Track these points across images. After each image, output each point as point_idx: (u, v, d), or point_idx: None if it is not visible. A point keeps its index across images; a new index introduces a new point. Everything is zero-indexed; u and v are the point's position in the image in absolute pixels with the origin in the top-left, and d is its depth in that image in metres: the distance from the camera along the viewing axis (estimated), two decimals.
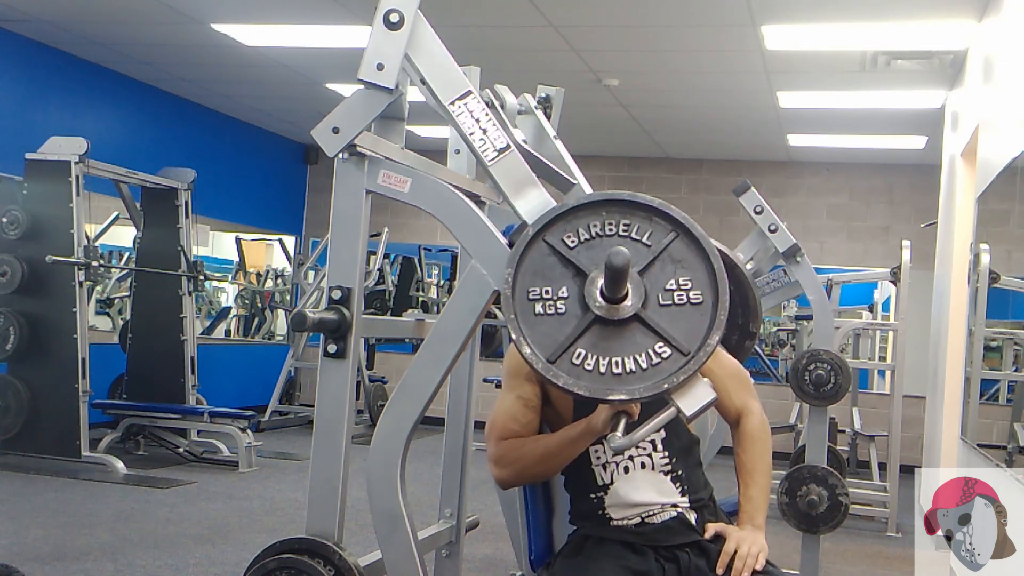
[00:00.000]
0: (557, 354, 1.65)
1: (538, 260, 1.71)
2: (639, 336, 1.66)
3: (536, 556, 2.25)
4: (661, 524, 2.02)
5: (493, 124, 1.88)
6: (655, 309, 1.67)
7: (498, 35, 6.21)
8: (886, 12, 5.30)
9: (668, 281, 1.69)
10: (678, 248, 1.70)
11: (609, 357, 1.65)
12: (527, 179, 1.88)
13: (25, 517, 4.87)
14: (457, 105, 1.88)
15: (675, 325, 1.66)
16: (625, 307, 1.66)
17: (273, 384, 9.03)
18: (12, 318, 6.09)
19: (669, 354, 1.64)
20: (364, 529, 2.80)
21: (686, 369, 1.62)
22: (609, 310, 1.66)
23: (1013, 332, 5.07)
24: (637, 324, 1.66)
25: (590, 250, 1.71)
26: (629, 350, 1.65)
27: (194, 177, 7.19)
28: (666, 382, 1.62)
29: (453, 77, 1.90)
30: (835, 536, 4.40)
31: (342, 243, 1.97)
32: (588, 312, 1.66)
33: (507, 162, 1.88)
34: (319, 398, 1.97)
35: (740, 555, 1.96)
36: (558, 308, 1.68)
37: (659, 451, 2.07)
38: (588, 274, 1.68)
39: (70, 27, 6.80)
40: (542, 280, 1.70)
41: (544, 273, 1.70)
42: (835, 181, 9.35)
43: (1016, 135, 3.84)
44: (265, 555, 1.89)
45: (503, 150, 1.88)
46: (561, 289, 1.69)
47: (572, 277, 1.69)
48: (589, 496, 2.07)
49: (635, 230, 1.72)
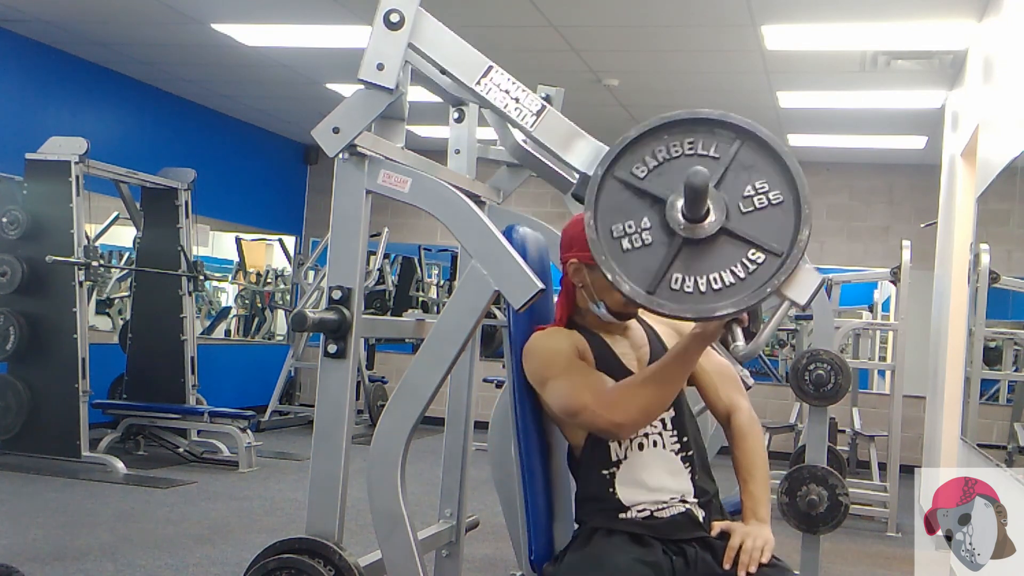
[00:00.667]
0: (655, 284, 1.65)
1: (613, 198, 1.71)
2: (730, 248, 1.66)
3: (536, 556, 2.25)
4: (670, 519, 2.03)
5: (522, 90, 1.88)
6: (739, 219, 1.67)
7: (498, 35, 6.21)
8: (886, 12, 5.30)
9: (745, 188, 1.68)
10: (747, 154, 1.69)
11: (705, 275, 1.65)
12: (572, 132, 1.87)
13: (25, 517, 4.87)
14: (483, 83, 1.89)
15: (762, 229, 1.66)
16: (710, 223, 1.65)
17: (273, 384, 9.03)
18: (12, 318, 6.09)
19: (763, 259, 1.64)
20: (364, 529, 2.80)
21: (784, 268, 1.62)
22: (695, 230, 1.65)
23: (1013, 332, 5.07)
24: (725, 237, 1.66)
25: (661, 176, 1.70)
26: (724, 263, 1.65)
27: (194, 177, 7.19)
28: (768, 285, 1.61)
29: (470, 58, 1.90)
30: (835, 536, 4.40)
31: (342, 243, 1.97)
32: (675, 236, 1.66)
33: (547, 122, 1.88)
34: (319, 398, 1.97)
35: (746, 549, 1.98)
36: (644, 239, 1.68)
37: (669, 430, 2.08)
38: (666, 199, 1.68)
39: (70, 27, 6.80)
40: (622, 216, 1.69)
41: (622, 209, 1.70)
42: (835, 181, 9.35)
43: (1016, 135, 3.84)
44: (265, 555, 1.89)
45: (540, 112, 1.88)
46: (643, 220, 1.69)
47: (651, 206, 1.69)
48: (601, 472, 2.05)
49: (700, 146, 1.71)
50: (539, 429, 2.23)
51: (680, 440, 2.09)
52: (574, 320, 2.19)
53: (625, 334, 2.18)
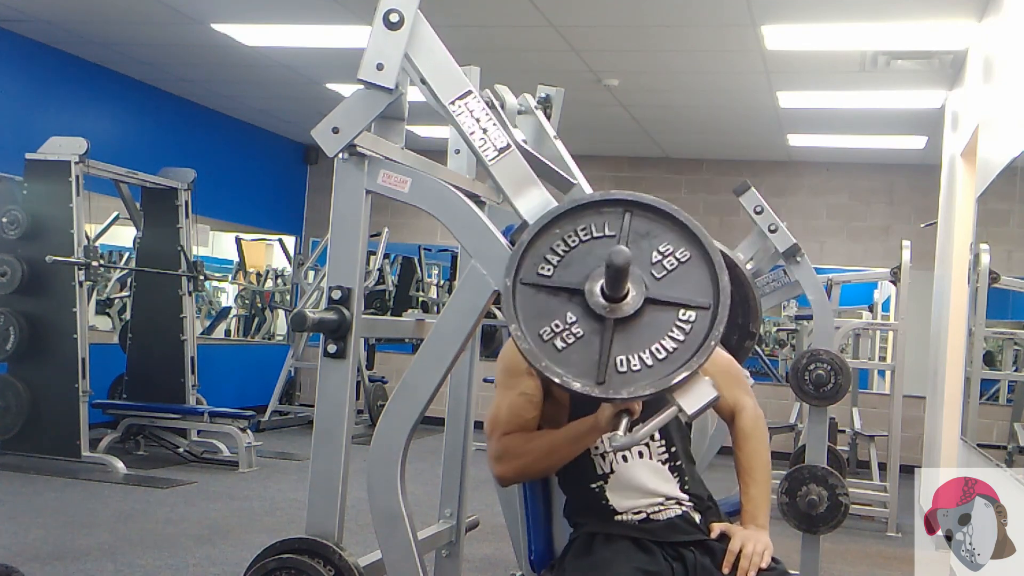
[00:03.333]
0: (603, 373, 1.63)
1: (530, 303, 1.70)
2: (660, 316, 1.66)
3: (536, 556, 2.25)
4: (667, 521, 2.02)
5: (493, 124, 1.88)
6: (656, 286, 1.67)
7: (498, 35, 6.21)
8: (886, 12, 5.30)
9: (651, 255, 1.69)
10: (639, 223, 1.71)
11: (647, 348, 1.64)
12: (527, 178, 1.88)
13: (25, 517, 4.87)
14: (457, 105, 1.88)
15: (683, 288, 1.66)
16: (634, 298, 1.66)
17: (273, 384, 9.03)
18: (12, 318, 6.09)
19: (695, 316, 1.65)
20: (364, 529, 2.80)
21: (719, 318, 1.63)
22: (621, 308, 1.65)
23: (1013, 332, 5.07)
24: (651, 306, 1.66)
25: (568, 267, 1.70)
26: (660, 332, 1.65)
27: (194, 177, 7.19)
28: (711, 338, 1.62)
29: (453, 77, 1.90)
30: (835, 536, 4.40)
31: (342, 243, 1.97)
32: (604, 321, 1.65)
33: (507, 162, 1.88)
34: (319, 398, 1.97)
35: (745, 554, 1.96)
36: (576, 333, 1.66)
37: (656, 440, 2.08)
38: (583, 289, 1.67)
39: (70, 27, 6.80)
40: (545, 318, 1.68)
41: (543, 311, 1.69)
42: (835, 181, 9.34)
43: (1016, 135, 3.84)
44: (265, 555, 1.89)
45: (503, 149, 1.88)
46: (567, 315, 1.68)
47: (569, 300, 1.68)
48: (590, 487, 2.06)
49: (593, 228, 1.72)
50: None
51: (668, 450, 2.08)
52: None
53: None
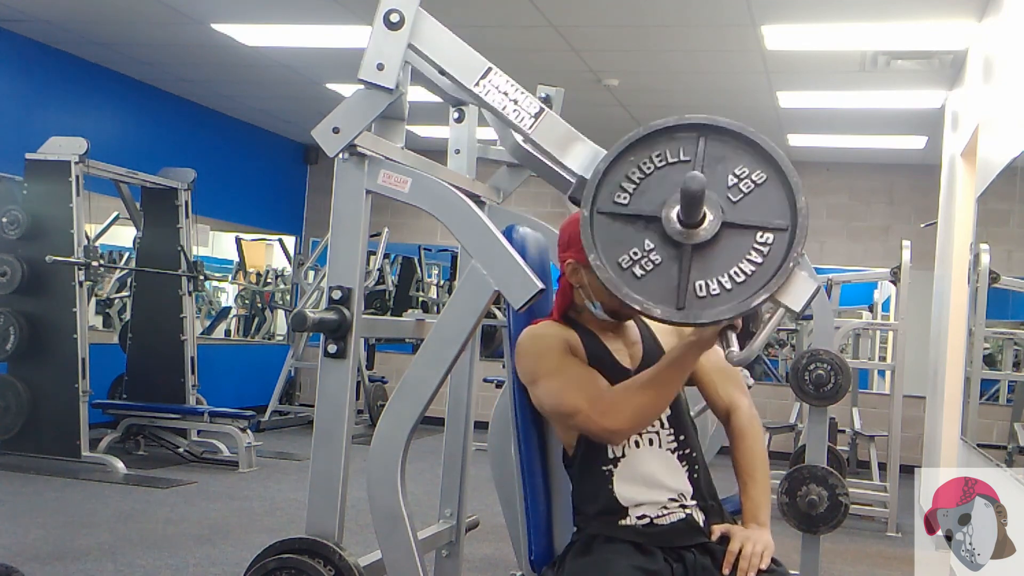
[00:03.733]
0: (683, 298, 1.64)
1: (607, 232, 1.70)
2: (737, 240, 1.66)
3: (536, 556, 2.25)
4: (670, 526, 2.01)
5: (521, 92, 1.88)
6: (733, 209, 1.67)
7: (498, 35, 6.21)
8: (886, 12, 5.30)
9: (727, 179, 1.68)
10: (714, 147, 1.70)
11: (725, 272, 1.64)
12: (569, 135, 1.87)
13: (25, 517, 4.87)
14: (482, 84, 1.89)
15: (760, 211, 1.66)
16: (710, 223, 1.66)
17: (273, 384, 9.03)
18: (12, 318, 6.09)
19: (773, 238, 1.64)
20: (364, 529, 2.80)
21: (797, 239, 1.62)
22: (698, 234, 1.65)
23: (1013, 332, 5.07)
24: (729, 231, 1.66)
25: (644, 195, 1.70)
26: (738, 256, 1.65)
27: (194, 177, 7.19)
28: (789, 259, 1.61)
29: (470, 59, 1.91)
30: (835, 536, 4.40)
31: (342, 243, 1.97)
32: (682, 247, 1.66)
33: (545, 124, 1.88)
34: (319, 398, 1.97)
35: (745, 554, 1.96)
36: (654, 260, 1.67)
37: (666, 428, 2.07)
38: (660, 216, 1.67)
39: (70, 27, 6.80)
40: (623, 246, 1.69)
41: (620, 239, 1.69)
42: (835, 181, 9.35)
43: (1016, 135, 3.84)
44: (265, 555, 1.89)
45: (538, 114, 1.88)
46: (645, 243, 1.68)
47: (646, 227, 1.69)
48: (600, 469, 2.04)
49: (668, 154, 1.71)
50: (539, 429, 2.22)
51: (677, 439, 2.08)
52: (569, 316, 2.18)
53: (619, 331, 2.18)
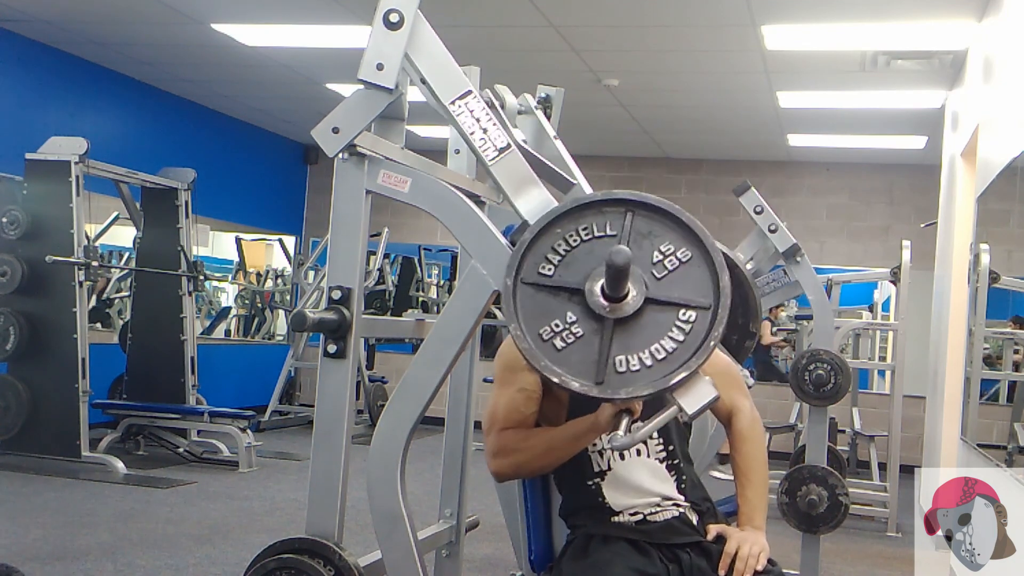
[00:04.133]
0: (602, 373, 1.63)
1: (530, 302, 1.70)
2: (660, 316, 1.65)
3: (536, 556, 2.25)
4: (664, 523, 2.02)
5: (493, 123, 1.88)
6: (657, 286, 1.67)
7: (498, 35, 6.21)
8: (886, 12, 5.30)
9: (652, 255, 1.69)
10: (640, 223, 1.71)
11: (646, 349, 1.64)
12: (528, 178, 1.88)
13: (25, 517, 4.87)
14: (457, 104, 1.88)
15: (683, 288, 1.66)
16: (634, 298, 1.65)
17: (273, 384, 9.03)
18: (12, 318, 6.09)
19: (695, 316, 1.64)
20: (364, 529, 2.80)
21: (719, 319, 1.63)
22: (621, 308, 1.65)
23: (1013, 332, 5.07)
24: (652, 306, 1.66)
25: (569, 267, 1.70)
26: (660, 333, 1.65)
27: (194, 177, 7.19)
28: (710, 338, 1.62)
29: (453, 77, 1.90)
30: (835, 536, 4.41)
31: (342, 243, 1.97)
32: (604, 321, 1.65)
33: (507, 161, 1.88)
34: (319, 398, 1.97)
35: (741, 556, 1.96)
36: (575, 333, 1.67)
37: (654, 439, 2.08)
38: (583, 289, 1.67)
39: (70, 27, 6.80)
40: (545, 317, 1.68)
41: (543, 310, 1.69)
42: (835, 181, 9.34)
43: (1016, 135, 3.84)
44: (265, 555, 1.89)
45: (503, 149, 1.88)
46: (567, 315, 1.68)
47: (569, 299, 1.68)
48: (586, 484, 2.06)
49: (595, 228, 1.72)
50: None
51: (666, 448, 2.09)
52: None
53: None
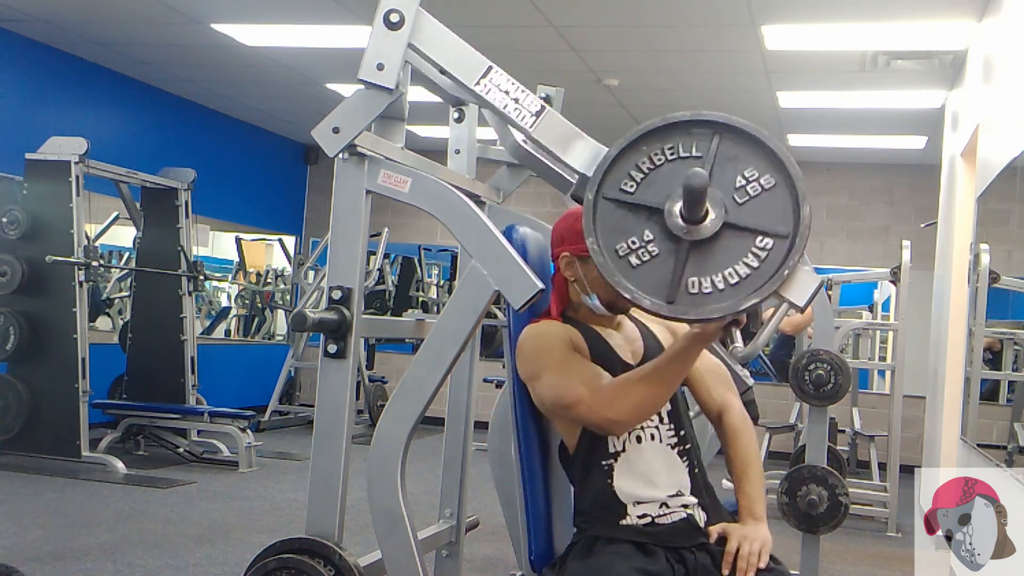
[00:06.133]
0: (674, 293, 1.65)
1: (609, 218, 1.71)
2: (736, 241, 1.66)
3: (536, 556, 2.25)
4: (671, 525, 2.02)
5: (522, 91, 1.88)
6: (737, 211, 1.67)
7: (498, 35, 6.21)
8: (886, 12, 5.30)
9: (735, 180, 1.68)
10: (728, 147, 1.70)
11: (720, 272, 1.64)
12: (571, 133, 1.87)
13: (25, 517, 4.87)
14: (483, 84, 1.89)
15: (763, 215, 1.66)
16: (712, 221, 1.66)
17: (273, 384, 9.03)
18: (12, 318, 6.09)
19: (772, 244, 1.64)
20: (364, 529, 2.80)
21: (796, 248, 1.62)
22: (699, 231, 1.65)
23: (1013, 332, 5.06)
24: (729, 231, 1.66)
25: (651, 186, 1.70)
26: (734, 257, 1.65)
27: (194, 177, 7.19)
28: (784, 267, 1.61)
29: (471, 59, 1.91)
30: (835, 536, 4.40)
31: (342, 243, 1.97)
32: (680, 242, 1.66)
33: (547, 122, 1.88)
34: (319, 398, 1.97)
35: (743, 554, 1.97)
36: (651, 252, 1.68)
37: (665, 423, 2.08)
38: (663, 208, 1.68)
39: (70, 27, 6.80)
40: (623, 234, 1.69)
41: (621, 227, 1.70)
42: (835, 181, 9.35)
43: (1016, 135, 3.84)
44: (265, 555, 1.89)
45: (539, 113, 1.88)
46: (644, 233, 1.68)
47: (648, 218, 1.69)
48: (600, 464, 2.04)
49: (681, 148, 1.71)
50: (539, 429, 2.23)
51: (677, 434, 2.09)
52: (567, 315, 2.19)
53: (618, 328, 2.19)
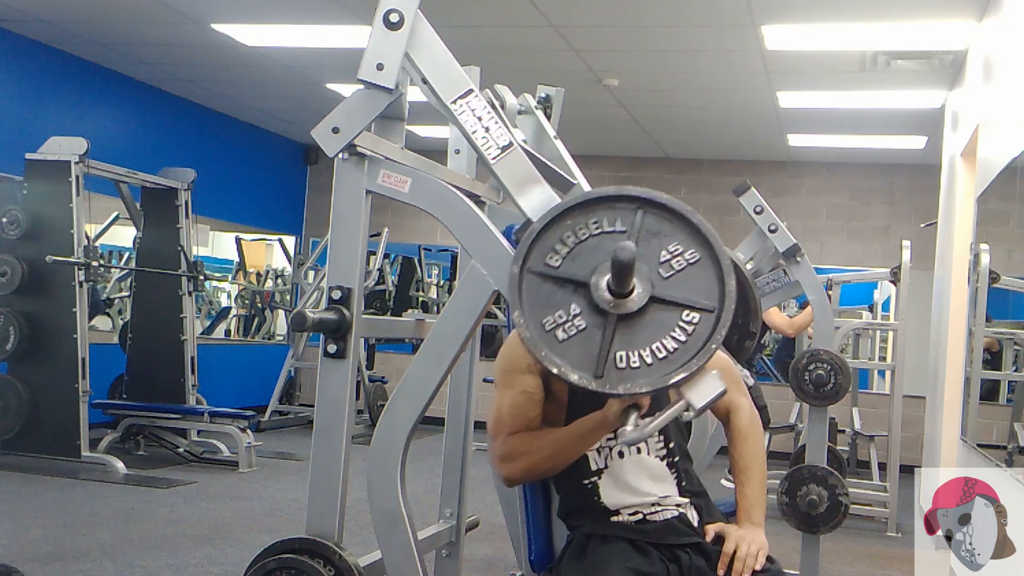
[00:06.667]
0: (601, 367, 1.64)
1: (535, 292, 1.70)
2: (663, 315, 1.65)
3: (536, 556, 2.25)
4: (663, 523, 2.01)
5: (495, 122, 1.88)
6: (663, 285, 1.67)
7: (498, 35, 6.21)
8: (886, 12, 5.30)
9: (660, 254, 1.69)
10: (651, 221, 1.71)
11: (647, 347, 1.64)
12: (530, 176, 1.88)
13: (25, 517, 4.87)
14: (459, 104, 1.89)
15: (689, 289, 1.66)
16: (639, 295, 1.65)
17: (273, 384, 9.03)
18: (12, 318, 6.08)
19: (698, 318, 1.64)
20: (364, 529, 2.80)
21: (722, 322, 1.63)
22: (626, 304, 1.65)
23: (1013, 332, 5.06)
24: (656, 305, 1.66)
25: (576, 260, 1.70)
26: (662, 332, 1.65)
27: (194, 177, 7.19)
28: (712, 341, 1.62)
29: (454, 76, 1.90)
30: (835, 536, 4.40)
31: (342, 243, 1.97)
32: (607, 315, 1.65)
33: (510, 160, 1.88)
34: (319, 398, 1.97)
35: (739, 556, 1.96)
36: (578, 325, 1.67)
37: (655, 436, 2.06)
38: (588, 282, 1.68)
39: (70, 27, 6.80)
40: (549, 308, 1.68)
41: (547, 301, 1.69)
42: (835, 181, 9.34)
43: (1016, 135, 3.84)
44: (265, 555, 1.89)
45: (506, 148, 1.88)
46: (571, 307, 1.68)
47: (574, 292, 1.68)
48: (582, 483, 2.04)
49: (605, 223, 1.71)
50: None
51: (667, 446, 2.07)
52: None
53: None
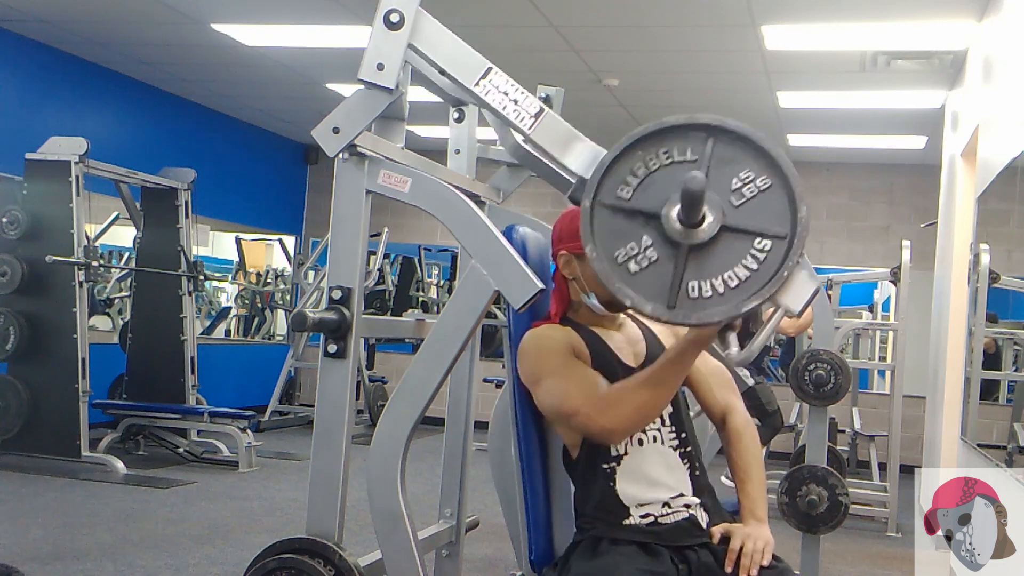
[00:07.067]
0: (674, 297, 1.64)
1: (607, 225, 1.70)
2: (735, 244, 1.65)
3: (536, 556, 2.24)
4: (674, 524, 2.02)
5: (521, 92, 1.88)
6: (734, 213, 1.66)
7: (498, 35, 6.21)
8: (886, 12, 5.30)
9: (731, 182, 1.67)
10: (722, 149, 1.69)
11: (719, 276, 1.64)
12: (569, 135, 1.86)
13: (25, 517, 4.87)
14: (482, 84, 1.88)
15: (760, 217, 1.65)
16: (710, 224, 1.65)
17: (273, 384, 9.03)
18: (12, 318, 6.09)
19: (770, 245, 1.63)
20: (364, 529, 2.80)
21: (795, 249, 1.62)
22: (696, 235, 1.65)
23: (1013, 332, 5.06)
24: (727, 234, 1.65)
25: (647, 191, 1.69)
26: (733, 260, 1.64)
27: (194, 177, 7.19)
28: (784, 268, 1.61)
29: (470, 60, 1.90)
30: (835, 536, 4.40)
31: (342, 243, 1.97)
32: (679, 246, 1.65)
33: (545, 124, 1.87)
34: (319, 398, 1.97)
35: (746, 552, 1.97)
36: (650, 257, 1.67)
37: (667, 426, 2.08)
38: (660, 213, 1.67)
39: (70, 27, 6.80)
40: (621, 240, 1.68)
41: (619, 233, 1.69)
42: (835, 181, 9.35)
43: (1016, 135, 3.84)
44: (265, 555, 1.89)
45: (538, 114, 1.87)
46: (643, 239, 1.68)
47: (645, 223, 1.68)
48: (602, 467, 2.04)
49: (676, 152, 1.70)
50: (539, 429, 2.23)
51: (679, 436, 2.09)
52: (568, 316, 2.19)
53: (619, 329, 2.19)
